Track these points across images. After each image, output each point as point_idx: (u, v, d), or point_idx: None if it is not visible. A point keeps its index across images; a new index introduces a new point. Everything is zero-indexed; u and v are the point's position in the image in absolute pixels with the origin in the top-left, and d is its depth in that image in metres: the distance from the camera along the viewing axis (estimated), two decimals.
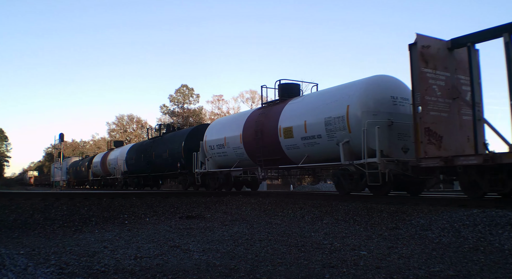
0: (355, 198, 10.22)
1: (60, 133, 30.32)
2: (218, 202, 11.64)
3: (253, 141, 13.89)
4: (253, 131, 13.91)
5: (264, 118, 13.69)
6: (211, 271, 4.30)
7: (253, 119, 14.38)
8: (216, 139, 16.34)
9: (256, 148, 13.76)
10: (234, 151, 15.20)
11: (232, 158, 15.48)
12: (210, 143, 16.71)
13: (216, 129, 16.84)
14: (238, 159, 15.16)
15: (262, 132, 13.49)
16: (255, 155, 13.94)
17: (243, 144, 14.58)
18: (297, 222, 8.53)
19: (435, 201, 8.56)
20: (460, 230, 6.34)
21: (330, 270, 4.35)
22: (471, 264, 4.59)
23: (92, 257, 5.07)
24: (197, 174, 17.43)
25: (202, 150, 17.36)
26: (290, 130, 12.26)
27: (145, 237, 6.80)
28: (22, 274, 3.94)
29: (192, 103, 57.70)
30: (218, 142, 16.10)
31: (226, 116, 17.41)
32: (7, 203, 9.39)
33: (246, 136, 14.47)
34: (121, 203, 10.42)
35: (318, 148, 11.46)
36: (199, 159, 17.46)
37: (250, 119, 14.57)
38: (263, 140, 13.48)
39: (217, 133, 16.49)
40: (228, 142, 15.44)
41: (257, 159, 13.93)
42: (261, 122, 13.68)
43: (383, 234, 6.75)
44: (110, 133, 69.15)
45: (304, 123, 11.75)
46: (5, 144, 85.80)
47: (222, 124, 17.19)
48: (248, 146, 14.38)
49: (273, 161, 13.43)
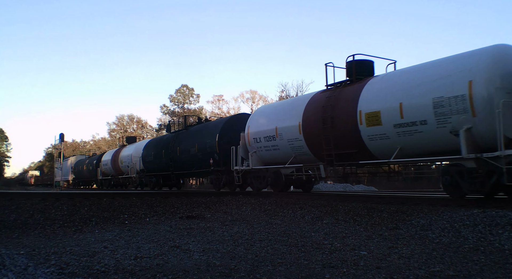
0: (355, 198, 10.21)
1: (60, 133, 30.28)
2: (218, 202, 11.64)
3: (318, 131, 11.50)
4: (319, 119, 11.48)
5: (335, 102, 11.16)
6: (211, 271, 4.30)
7: (317, 104, 11.85)
8: (263, 130, 13.83)
9: (324, 139, 11.30)
10: (289, 144, 12.77)
11: (285, 153, 13.03)
12: (255, 134, 14.21)
13: (264, 117, 14.24)
14: (294, 154, 12.73)
15: (333, 120, 11.04)
16: (320, 148, 11.58)
17: (303, 135, 12.12)
18: (297, 222, 8.53)
19: (435, 201, 8.56)
20: (460, 230, 6.34)
21: (330, 270, 4.35)
22: (471, 264, 4.59)
23: (92, 257, 5.07)
24: (236, 172, 14.98)
25: (243, 143, 14.86)
26: (377, 115, 9.89)
27: (145, 237, 6.80)
28: (22, 274, 3.95)
29: (192, 103, 57.83)
30: (267, 133, 13.62)
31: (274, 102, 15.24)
32: (7, 203, 9.39)
33: (307, 125, 12.02)
34: (121, 203, 10.42)
35: (419, 137, 9.16)
36: (240, 154, 14.93)
37: (313, 104, 12.05)
38: (334, 130, 11.03)
39: (264, 122, 13.95)
40: (281, 133, 12.98)
41: (322, 154, 11.53)
42: (331, 107, 11.18)
43: (383, 234, 6.75)
44: (110, 133, 69.26)
45: (399, 106, 9.41)
46: (5, 144, 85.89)
47: (271, 111, 14.33)
48: (310, 138, 11.99)
49: (346, 156, 11.03)
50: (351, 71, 11.59)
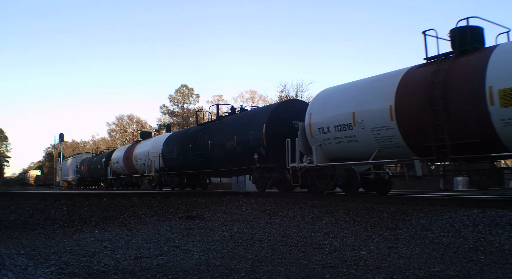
0: (355, 198, 10.20)
1: (60, 133, 30.35)
2: (218, 202, 11.64)
3: (423, 116, 9.03)
4: (423, 100, 9.04)
5: (446, 77, 8.80)
6: (211, 271, 4.30)
7: (418, 81, 9.40)
8: (333, 118, 11.16)
9: (432, 126, 8.81)
10: (373, 134, 10.08)
11: (366, 145, 10.37)
12: (320, 124, 11.52)
13: (333, 102, 11.54)
14: (379, 147, 10.08)
15: (446, 100, 8.66)
16: (421, 138, 9.12)
17: (397, 121, 9.54)
18: (297, 222, 8.53)
19: (435, 201, 8.56)
20: (460, 230, 6.34)
21: (330, 270, 4.35)
22: (471, 264, 4.59)
23: (92, 257, 5.07)
24: (293, 170, 12.45)
25: (302, 135, 12.28)
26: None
27: (145, 237, 6.80)
28: (22, 274, 3.95)
29: (192, 103, 57.84)
30: (339, 121, 10.93)
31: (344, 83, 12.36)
32: (7, 203, 9.39)
33: (403, 108, 9.46)
34: (121, 203, 10.43)
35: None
36: (298, 148, 12.37)
37: (412, 82, 9.54)
38: (447, 113, 8.66)
39: (335, 108, 11.28)
40: (362, 120, 10.28)
41: (425, 145, 9.09)
42: (441, 84, 8.76)
43: (383, 234, 6.75)
44: (110, 133, 69.25)
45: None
46: (5, 144, 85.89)
47: (343, 93, 11.46)
48: (406, 125, 9.43)
49: (465, 147, 8.56)
50: (463, 39, 9.16)
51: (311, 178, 12.27)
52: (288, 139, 12.61)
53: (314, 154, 11.67)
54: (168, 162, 21.34)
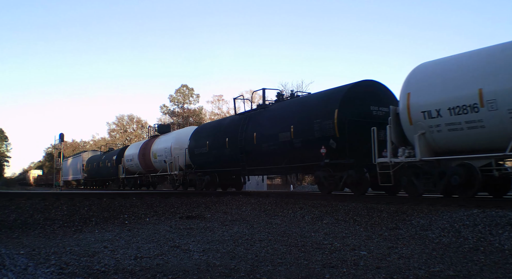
0: (355, 198, 10.20)
1: (60, 133, 30.25)
2: (218, 202, 11.64)
3: None
4: None
5: None
6: (211, 271, 4.30)
7: None
8: (447, 98, 8.76)
9: None
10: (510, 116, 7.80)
11: (497, 131, 8.10)
12: (426, 106, 9.14)
13: (443, 77, 9.08)
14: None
15: None
16: None
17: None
18: (297, 222, 8.53)
19: (435, 201, 8.56)
20: (460, 230, 6.34)
21: (330, 270, 4.35)
22: (471, 264, 4.59)
23: (92, 257, 5.07)
24: (381, 167, 10.12)
25: (395, 122, 9.97)
26: None
27: (145, 237, 6.80)
28: (22, 274, 3.95)
29: (192, 103, 57.78)
30: (456, 102, 8.54)
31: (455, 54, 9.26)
32: (7, 203, 9.40)
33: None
34: (121, 203, 10.43)
35: None
36: (391, 138, 9.99)
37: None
38: None
39: (447, 85, 8.86)
40: (495, 98, 7.96)
41: None
42: None
43: (383, 234, 6.75)
44: (110, 133, 69.24)
45: None
46: (5, 144, 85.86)
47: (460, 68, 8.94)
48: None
49: None
50: None
51: (407, 176, 9.80)
52: (373, 128, 10.31)
53: (417, 145, 9.22)
54: (197, 158, 18.57)
